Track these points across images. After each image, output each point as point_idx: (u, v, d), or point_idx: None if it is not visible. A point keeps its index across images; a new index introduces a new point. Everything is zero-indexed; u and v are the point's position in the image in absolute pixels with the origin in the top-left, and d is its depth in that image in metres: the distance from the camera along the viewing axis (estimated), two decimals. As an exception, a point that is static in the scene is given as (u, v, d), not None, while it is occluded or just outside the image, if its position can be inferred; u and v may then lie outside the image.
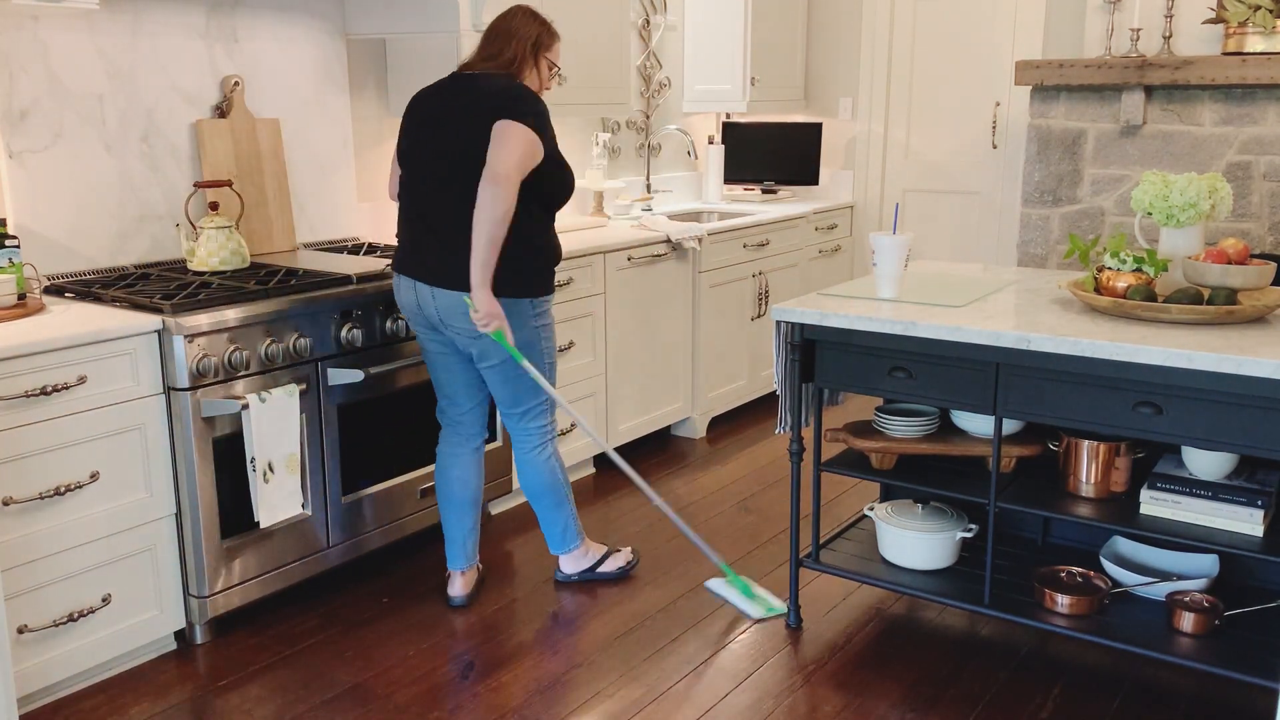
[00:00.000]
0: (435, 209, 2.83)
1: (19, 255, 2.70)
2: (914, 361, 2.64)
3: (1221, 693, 2.66)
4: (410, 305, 2.92)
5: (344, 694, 2.68)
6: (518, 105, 2.74)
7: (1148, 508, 2.56)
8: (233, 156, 3.38)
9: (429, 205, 2.84)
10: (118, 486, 2.64)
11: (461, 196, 2.75)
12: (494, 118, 2.72)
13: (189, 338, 2.67)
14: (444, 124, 2.82)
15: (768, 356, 5.01)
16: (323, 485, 3.06)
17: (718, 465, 4.35)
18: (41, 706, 2.60)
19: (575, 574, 3.27)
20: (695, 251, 4.44)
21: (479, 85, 2.83)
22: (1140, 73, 4.33)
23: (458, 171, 2.77)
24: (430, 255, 2.84)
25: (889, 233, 2.78)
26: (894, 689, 2.70)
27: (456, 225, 2.77)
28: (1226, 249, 2.58)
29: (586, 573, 3.28)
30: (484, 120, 2.73)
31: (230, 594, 2.87)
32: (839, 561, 2.98)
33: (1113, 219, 4.62)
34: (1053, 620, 2.63)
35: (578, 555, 3.26)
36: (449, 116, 2.81)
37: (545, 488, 3.13)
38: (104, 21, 3.05)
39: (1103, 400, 2.42)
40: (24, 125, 2.92)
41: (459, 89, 2.85)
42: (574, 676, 2.76)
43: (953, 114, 5.38)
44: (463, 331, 2.86)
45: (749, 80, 5.18)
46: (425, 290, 2.85)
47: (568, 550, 3.24)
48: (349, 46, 3.75)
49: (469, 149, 2.75)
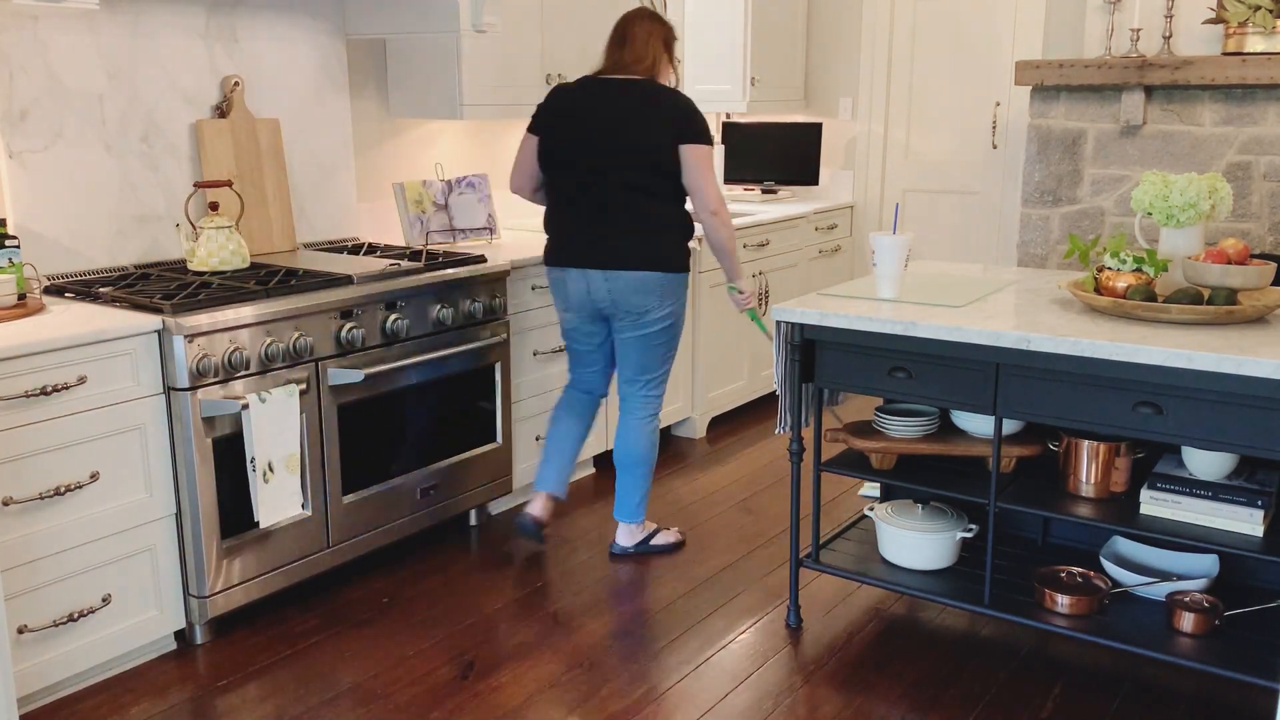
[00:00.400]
0: (614, 203, 3.17)
1: (19, 255, 2.71)
2: (914, 361, 2.64)
3: (1221, 693, 2.66)
4: (579, 293, 3.25)
5: (344, 694, 2.68)
6: (695, 125, 3.15)
7: (1148, 508, 2.56)
8: (233, 156, 3.38)
9: (606, 200, 3.17)
10: (118, 487, 2.64)
11: (642, 191, 3.16)
12: (678, 137, 3.13)
13: (189, 338, 2.67)
14: (620, 130, 3.14)
15: (768, 356, 5.01)
16: (323, 485, 3.06)
17: (718, 465, 4.35)
18: (41, 706, 2.60)
19: (631, 546, 3.48)
20: (695, 251, 4.44)
21: (647, 95, 3.18)
22: (1140, 73, 4.33)
23: (638, 171, 3.14)
24: (605, 243, 3.18)
25: (889, 233, 2.78)
26: (894, 689, 2.70)
27: (633, 216, 3.17)
28: (1226, 249, 2.58)
29: (642, 544, 3.48)
30: (666, 133, 3.13)
31: (230, 594, 2.87)
32: (839, 561, 2.98)
33: (1113, 219, 4.62)
34: (1053, 620, 2.63)
35: (636, 530, 3.48)
36: (624, 122, 3.14)
37: (643, 456, 3.40)
38: (104, 21, 3.05)
39: (1103, 400, 2.42)
40: (24, 125, 2.92)
41: (626, 96, 3.17)
42: (574, 676, 2.76)
43: (953, 114, 5.38)
44: (633, 307, 3.22)
45: (749, 80, 5.18)
46: (597, 275, 3.20)
47: (636, 521, 3.46)
48: (349, 46, 3.75)
49: (651, 153, 3.14)
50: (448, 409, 3.40)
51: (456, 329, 3.37)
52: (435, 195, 3.93)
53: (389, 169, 3.97)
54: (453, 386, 3.40)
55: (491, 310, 3.47)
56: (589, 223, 3.19)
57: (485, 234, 4.02)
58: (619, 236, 3.17)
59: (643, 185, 3.15)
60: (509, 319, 3.57)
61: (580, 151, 3.18)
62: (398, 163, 4.00)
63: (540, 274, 3.70)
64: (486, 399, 3.54)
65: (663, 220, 3.20)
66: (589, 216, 3.19)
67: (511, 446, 3.67)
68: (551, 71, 4.02)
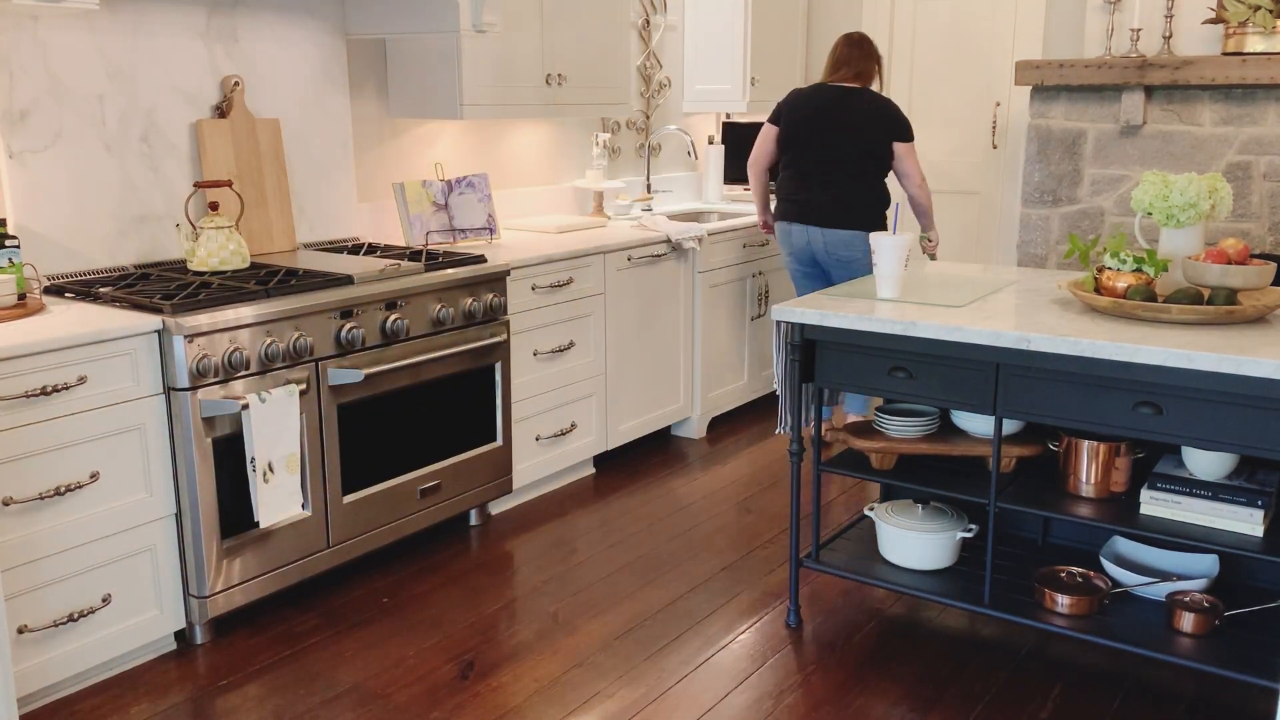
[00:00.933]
0: (837, 177, 4.10)
1: (19, 255, 2.70)
2: (914, 361, 2.64)
3: (1221, 693, 2.66)
4: (800, 244, 4.20)
5: (344, 694, 2.68)
6: (905, 128, 4.11)
7: (1148, 508, 2.56)
8: (233, 156, 3.38)
9: (832, 174, 4.11)
10: (118, 486, 2.64)
11: (858, 169, 4.10)
12: (893, 136, 4.08)
13: (189, 338, 2.67)
14: (847, 124, 4.09)
15: (768, 356, 5.01)
16: (323, 485, 3.06)
17: (718, 465, 4.35)
18: (41, 706, 2.60)
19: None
20: (695, 251, 4.44)
21: (868, 101, 4.12)
22: (1140, 73, 4.33)
23: (856, 154, 4.09)
24: (826, 207, 4.10)
25: (889, 233, 2.78)
26: (894, 689, 2.70)
27: (850, 187, 4.11)
28: (1226, 249, 2.58)
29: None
30: (884, 131, 4.09)
31: (230, 594, 2.87)
32: (839, 561, 2.98)
33: (1113, 219, 4.62)
34: (1053, 620, 2.63)
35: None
36: (852, 119, 4.08)
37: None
38: (104, 21, 3.05)
39: (1103, 400, 2.42)
40: (24, 125, 2.92)
41: (852, 100, 4.10)
42: (574, 676, 2.76)
43: (953, 114, 5.38)
44: (842, 259, 4.14)
45: (749, 80, 5.17)
46: (816, 232, 4.13)
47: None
48: (349, 46, 3.75)
49: (869, 145, 4.10)
50: (448, 409, 3.40)
51: (456, 329, 3.37)
52: (435, 195, 3.93)
53: (389, 169, 3.97)
54: (453, 386, 3.40)
55: (491, 310, 3.47)
56: (814, 191, 4.11)
57: (485, 234, 4.02)
58: (834, 204, 4.08)
59: (860, 166, 4.08)
60: (509, 319, 3.57)
61: (816, 137, 4.11)
62: (398, 163, 4.00)
63: (540, 274, 3.71)
64: (486, 399, 3.54)
65: (869, 194, 4.12)
66: (815, 186, 4.11)
67: (511, 446, 3.67)
68: (551, 71, 4.02)
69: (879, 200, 4.16)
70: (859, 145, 4.09)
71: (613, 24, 4.33)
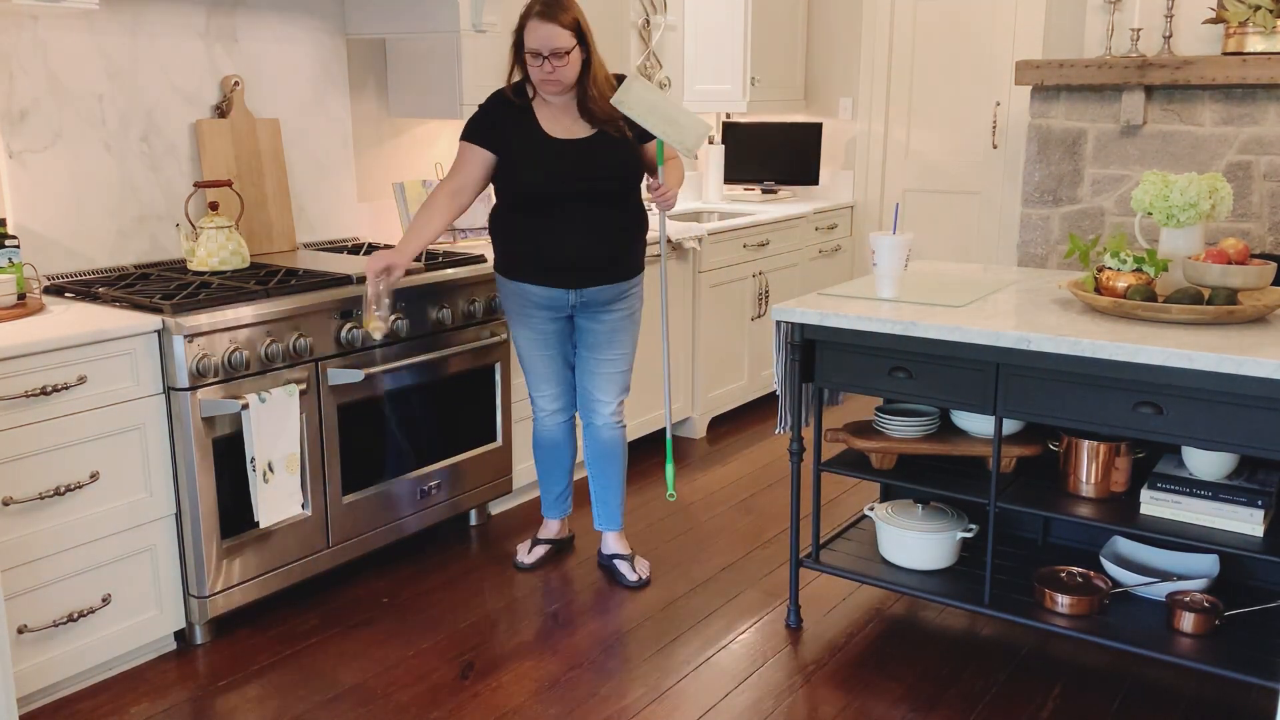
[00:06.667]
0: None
1: (19, 255, 2.70)
2: (914, 361, 2.64)
3: (1221, 693, 2.66)
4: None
5: (344, 694, 2.68)
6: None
7: (1148, 508, 2.56)
8: (233, 156, 3.38)
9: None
10: (118, 486, 2.64)
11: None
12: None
13: (189, 338, 2.67)
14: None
15: (768, 356, 5.01)
16: (323, 485, 3.06)
17: (718, 465, 4.35)
18: (41, 706, 2.60)
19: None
20: (695, 251, 4.44)
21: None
22: (1140, 73, 4.33)
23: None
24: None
25: (889, 233, 2.78)
26: (894, 689, 2.70)
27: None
28: (1226, 249, 2.58)
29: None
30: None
31: (230, 594, 2.87)
32: (839, 561, 2.98)
33: (1113, 219, 4.62)
34: (1053, 620, 2.63)
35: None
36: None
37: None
38: (104, 21, 3.05)
39: (1103, 400, 2.41)
40: (24, 125, 2.92)
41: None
42: (574, 676, 2.76)
43: (953, 114, 5.38)
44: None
45: (749, 80, 5.18)
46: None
47: (619, 529, 3.40)
48: (349, 46, 3.75)
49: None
50: (447, 409, 3.40)
51: (456, 329, 3.37)
52: (435, 195, 3.92)
53: (389, 169, 3.97)
54: (452, 386, 3.40)
55: (491, 310, 3.47)
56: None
57: (485, 234, 4.01)
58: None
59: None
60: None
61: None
62: (398, 163, 4.00)
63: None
64: (486, 399, 3.54)
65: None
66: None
67: (511, 446, 3.66)
68: (551, 71, 4.02)
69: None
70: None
71: (613, 24, 4.33)
